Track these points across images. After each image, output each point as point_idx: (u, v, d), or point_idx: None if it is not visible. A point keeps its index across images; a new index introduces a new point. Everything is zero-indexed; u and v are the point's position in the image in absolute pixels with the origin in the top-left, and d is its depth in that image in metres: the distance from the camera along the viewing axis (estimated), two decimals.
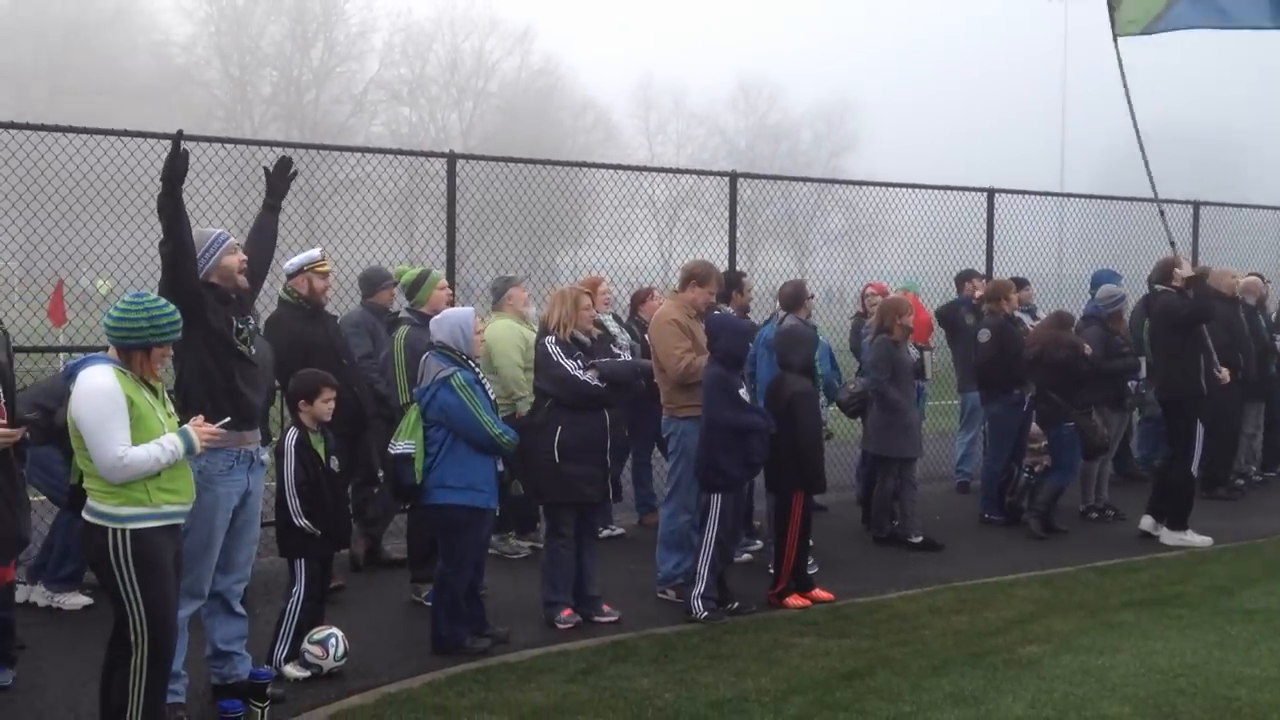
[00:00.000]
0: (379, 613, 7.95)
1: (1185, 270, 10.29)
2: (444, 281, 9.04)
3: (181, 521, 5.32)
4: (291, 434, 6.76)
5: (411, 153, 12.74)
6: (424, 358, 7.23)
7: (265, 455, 6.32)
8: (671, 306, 8.57)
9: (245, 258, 6.18)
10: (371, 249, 11.38)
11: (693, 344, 8.25)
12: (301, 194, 13.32)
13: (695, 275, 8.53)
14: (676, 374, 8.26)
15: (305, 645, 6.63)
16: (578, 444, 7.56)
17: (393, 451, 7.10)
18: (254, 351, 6.05)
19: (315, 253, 8.60)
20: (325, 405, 6.87)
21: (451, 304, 8.75)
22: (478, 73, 52.06)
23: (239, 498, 6.03)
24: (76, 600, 7.79)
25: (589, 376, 7.58)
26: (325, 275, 8.36)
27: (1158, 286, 10.49)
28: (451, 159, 10.65)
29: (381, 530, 9.19)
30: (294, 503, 6.64)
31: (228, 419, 5.54)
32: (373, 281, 9.21)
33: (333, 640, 6.64)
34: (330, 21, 48.53)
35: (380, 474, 8.86)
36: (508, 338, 9.04)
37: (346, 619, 7.20)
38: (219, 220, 10.42)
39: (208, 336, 5.86)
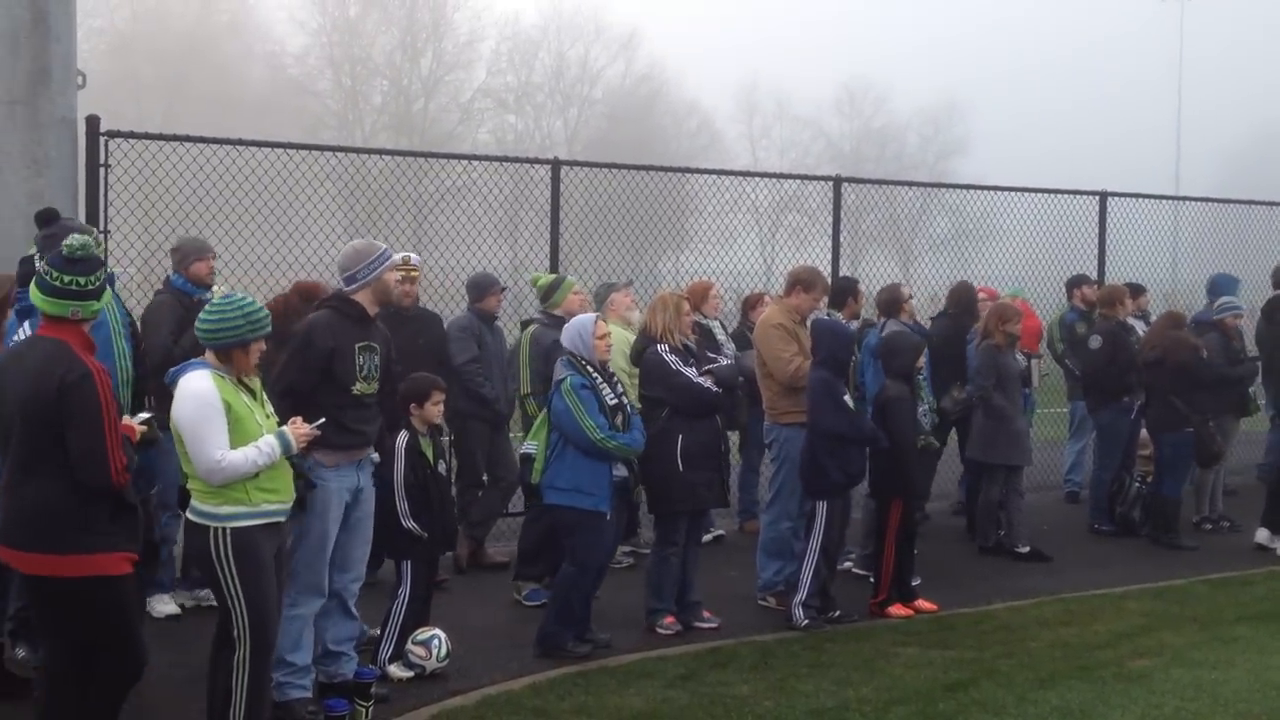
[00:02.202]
0: (482, 615, 8.04)
1: None
2: (579, 287, 9.16)
3: (282, 519, 5.45)
4: (402, 436, 6.85)
5: (517, 159, 12.87)
6: (555, 362, 7.41)
7: (375, 455, 6.44)
8: (776, 311, 8.55)
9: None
10: (477, 255, 11.52)
11: (799, 348, 8.22)
12: (409, 201, 13.55)
13: (800, 281, 8.50)
14: (785, 377, 8.23)
15: (409, 646, 6.74)
16: (698, 450, 7.60)
17: (521, 452, 7.35)
18: (372, 388, 6.17)
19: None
20: (435, 408, 6.98)
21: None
22: (582, 79, 52.35)
23: (351, 494, 6.17)
24: (165, 608, 7.63)
25: (708, 383, 7.60)
26: (411, 280, 8.41)
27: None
28: (556, 165, 10.76)
29: (485, 533, 9.31)
30: (403, 505, 6.75)
31: (323, 419, 5.65)
32: (481, 287, 9.32)
33: (436, 641, 6.75)
34: (439, 31, 49.17)
35: (485, 477, 9.01)
36: (616, 342, 9.10)
37: (450, 620, 7.31)
38: (330, 230, 10.65)
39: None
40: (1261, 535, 10.24)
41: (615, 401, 7.23)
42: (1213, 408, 10.50)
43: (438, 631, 6.81)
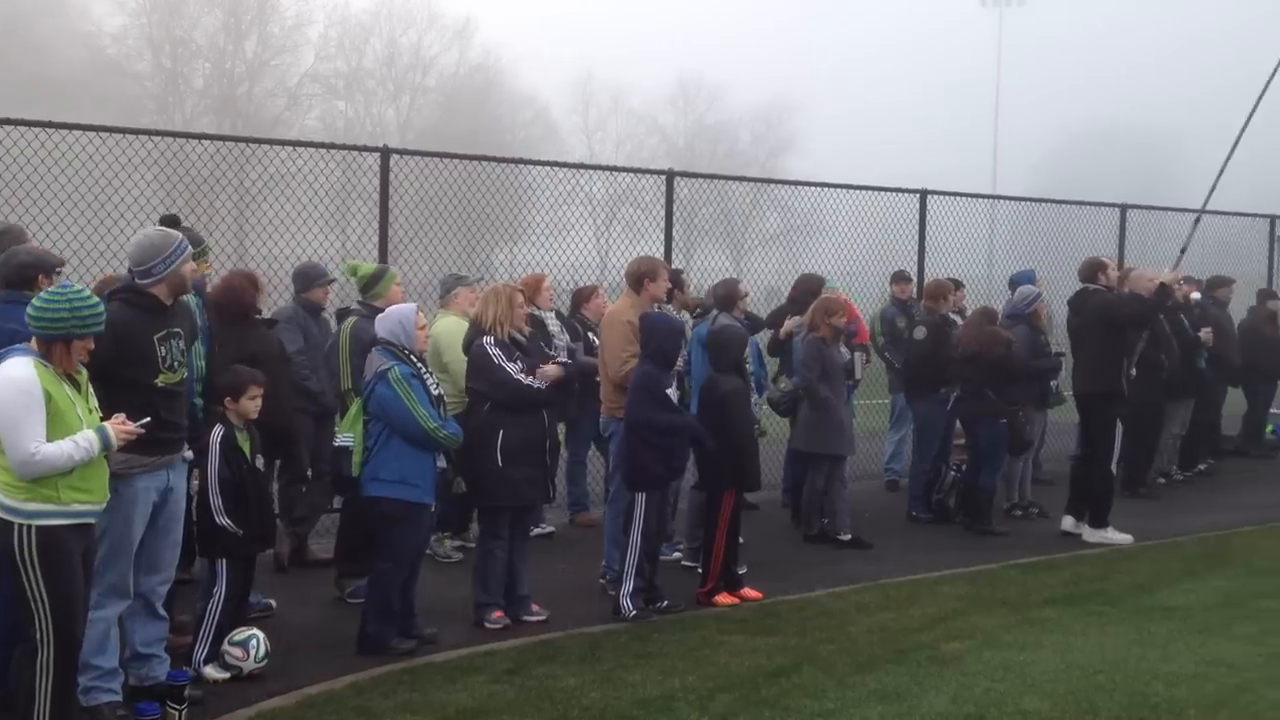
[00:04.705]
0: (304, 613, 7.86)
1: (1170, 279, 10.37)
2: (401, 278, 8.99)
3: (93, 521, 5.24)
4: (216, 431, 6.66)
5: (345, 147, 12.57)
6: (370, 353, 7.23)
7: (188, 452, 6.24)
8: (626, 306, 8.57)
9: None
10: (303, 245, 11.26)
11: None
12: (232, 188, 13.17)
13: (646, 272, 8.56)
14: (617, 376, 8.28)
15: (225, 646, 6.56)
16: (520, 446, 7.53)
17: (334, 444, 7.16)
18: (178, 376, 5.96)
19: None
20: (252, 403, 6.79)
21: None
22: (415, 67, 51.71)
23: (159, 494, 5.95)
24: None
25: (531, 380, 7.54)
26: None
27: (1090, 285, 10.64)
28: (385, 154, 10.57)
29: (308, 529, 9.11)
30: (217, 501, 6.55)
31: (148, 419, 5.45)
32: (308, 277, 9.10)
33: (254, 641, 6.57)
34: (265, 14, 47.92)
35: (309, 472, 8.81)
36: (458, 335, 8.99)
37: (270, 620, 7.13)
38: (147, 218, 10.24)
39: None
40: (1067, 522, 10.70)
41: (437, 392, 7.16)
42: (1021, 399, 10.95)
43: (256, 631, 6.63)
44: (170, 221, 6.98)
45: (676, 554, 9.42)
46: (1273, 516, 11.68)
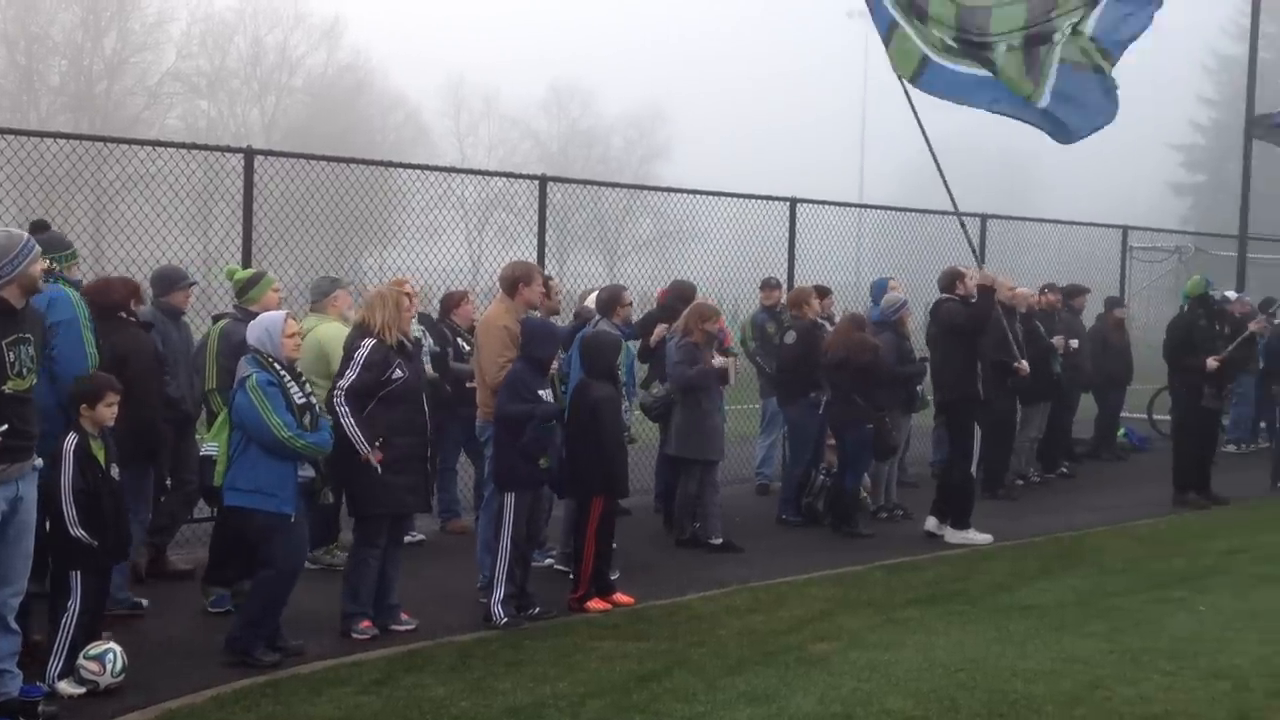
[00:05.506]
0: (163, 625, 7.64)
1: (984, 280, 10.72)
2: (278, 284, 8.79)
3: None
4: (70, 439, 6.42)
5: (207, 147, 12.25)
6: (241, 359, 7.12)
7: (39, 461, 6.01)
8: (502, 311, 8.53)
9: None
10: (164, 247, 10.96)
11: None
12: (89, 188, 12.75)
13: (520, 277, 8.54)
14: (493, 381, 8.24)
15: (81, 661, 6.34)
16: (403, 454, 7.43)
17: (200, 453, 7.09)
18: (28, 383, 5.75)
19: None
20: (109, 410, 6.58)
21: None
22: (281, 66, 50.78)
23: (8, 504, 5.72)
24: None
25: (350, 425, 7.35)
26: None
27: (943, 295, 10.94)
28: (249, 154, 10.35)
29: (167, 540, 8.85)
30: (70, 511, 6.32)
31: (5, 426, 5.24)
32: (167, 280, 8.82)
33: (110, 656, 6.37)
34: (125, 10, 46.61)
35: (168, 481, 8.57)
36: (342, 340, 8.82)
37: (129, 633, 6.91)
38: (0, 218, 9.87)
39: None
40: (930, 523, 10.96)
41: (304, 401, 7.01)
42: (887, 404, 11.19)
43: (112, 645, 6.42)
44: (39, 226, 6.88)
45: (549, 560, 9.39)
46: (1124, 517, 12.13)
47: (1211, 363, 12.38)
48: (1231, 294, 15.91)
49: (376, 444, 7.33)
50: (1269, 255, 23.05)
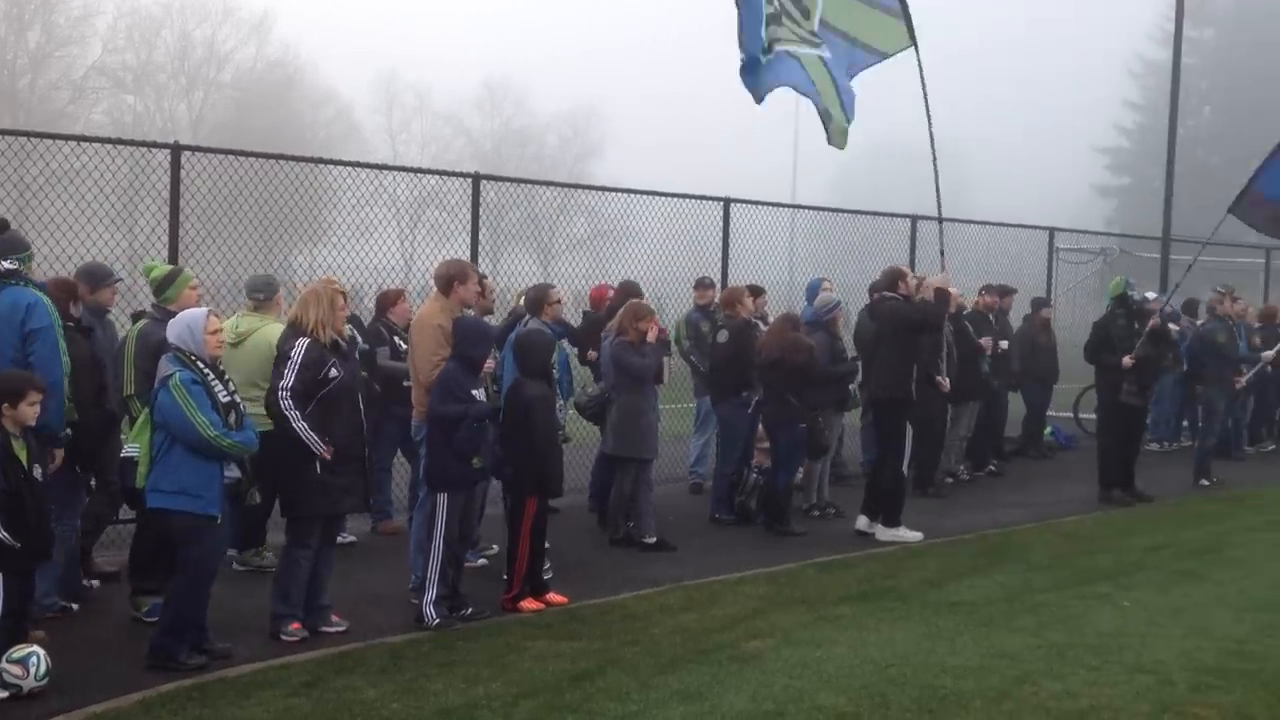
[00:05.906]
0: (91, 627, 7.52)
1: (943, 282, 10.81)
2: (196, 281, 8.64)
3: None
4: None
5: (133, 143, 12.05)
6: (161, 359, 7.00)
7: None
8: (436, 310, 8.46)
9: None
10: (89, 244, 10.76)
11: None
12: (11, 184, 12.48)
13: (454, 275, 8.48)
14: (428, 379, 8.18)
15: (3, 665, 6.23)
16: (340, 454, 7.36)
17: (121, 454, 6.96)
18: None
19: None
20: (30, 409, 6.47)
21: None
22: (209, 61, 50.07)
23: None
24: None
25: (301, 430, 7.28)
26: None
27: (886, 293, 11.04)
28: (176, 150, 10.23)
29: (92, 542, 8.68)
30: None
31: None
32: (94, 277, 8.66)
33: (34, 659, 6.26)
34: (50, 4, 45.71)
35: (92, 481, 8.40)
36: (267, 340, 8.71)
37: (54, 634, 6.78)
38: None
39: None
40: (861, 522, 11.05)
41: (228, 399, 6.92)
42: (820, 403, 11.27)
43: (35, 649, 6.31)
44: None
45: (482, 560, 9.34)
46: (1050, 514, 12.32)
47: (1127, 360, 12.64)
48: (1151, 294, 16.21)
49: (326, 439, 7.27)
50: (1189, 257, 23.52)
